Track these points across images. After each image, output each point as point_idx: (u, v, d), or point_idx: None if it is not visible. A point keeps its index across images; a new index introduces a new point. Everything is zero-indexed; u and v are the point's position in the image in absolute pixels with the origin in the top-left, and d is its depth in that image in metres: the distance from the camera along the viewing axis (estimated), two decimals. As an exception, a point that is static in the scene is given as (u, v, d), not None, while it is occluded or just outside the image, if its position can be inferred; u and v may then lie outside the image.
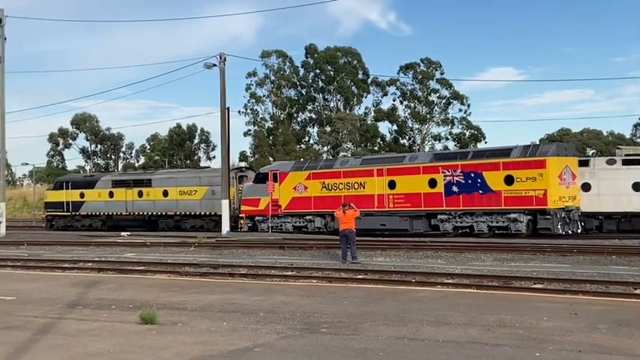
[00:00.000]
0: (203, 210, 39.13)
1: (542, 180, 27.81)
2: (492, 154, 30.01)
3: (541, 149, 28.81)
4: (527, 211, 28.40)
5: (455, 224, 30.11)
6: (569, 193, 28.74)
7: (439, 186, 30.17)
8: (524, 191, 28.09)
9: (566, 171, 28.58)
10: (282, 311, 12.26)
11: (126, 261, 22.73)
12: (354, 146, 77.61)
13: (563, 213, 28.10)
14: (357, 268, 19.11)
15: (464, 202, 29.57)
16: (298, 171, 34.57)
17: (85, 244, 30.49)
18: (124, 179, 43.35)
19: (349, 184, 32.62)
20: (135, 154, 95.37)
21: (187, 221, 39.92)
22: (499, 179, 28.73)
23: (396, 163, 31.83)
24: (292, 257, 23.24)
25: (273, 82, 79.92)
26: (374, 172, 32.06)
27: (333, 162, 35.12)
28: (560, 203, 28.04)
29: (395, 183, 31.41)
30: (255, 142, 78.27)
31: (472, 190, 29.32)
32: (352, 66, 79.02)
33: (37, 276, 19.32)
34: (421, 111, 78.06)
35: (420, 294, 14.17)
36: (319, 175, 33.66)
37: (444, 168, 30.08)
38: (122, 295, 14.87)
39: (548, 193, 27.69)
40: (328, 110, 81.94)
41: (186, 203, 39.71)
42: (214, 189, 38.27)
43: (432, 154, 32.76)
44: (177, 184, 40.24)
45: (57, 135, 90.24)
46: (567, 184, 28.66)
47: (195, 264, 20.93)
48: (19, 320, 11.76)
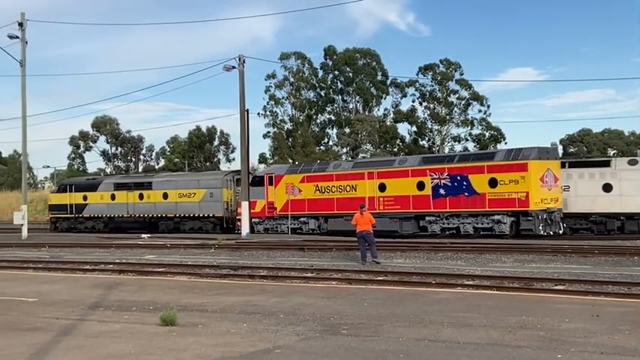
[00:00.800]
0: (202, 212, 40.03)
1: (524, 183, 28.60)
2: (477, 157, 31.01)
3: (523, 153, 29.50)
4: (510, 213, 29.15)
5: (442, 225, 30.99)
6: (551, 195, 29.44)
7: (427, 188, 31.10)
8: (507, 193, 28.91)
9: (547, 174, 29.26)
10: (302, 313, 12.27)
11: (146, 263, 22.87)
12: (374, 148, 77.45)
13: (544, 214, 28.80)
14: (377, 269, 19.08)
15: (450, 204, 30.43)
16: (293, 174, 35.64)
17: (106, 246, 30.74)
18: (126, 182, 44.36)
19: (341, 187, 33.63)
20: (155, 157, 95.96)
21: (186, 223, 40.79)
22: (484, 182, 29.52)
23: (386, 167, 32.88)
24: (312, 259, 23.25)
25: (292, 84, 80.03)
26: (365, 175, 33.05)
27: (327, 165, 36.07)
28: (541, 205, 28.77)
29: (385, 186, 32.38)
30: (275, 144, 78.43)
31: (458, 193, 30.20)
32: (371, 67, 78.89)
33: (58, 278, 19.51)
34: (440, 112, 77.74)
35: (440, 295, 14.11)
36: (313, 178, 34.68)
37: (432, 171, 30.99)
38: (143, 296, 14.96)
39: (529, 195, 28.48)
40: (347, 112, 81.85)
41: (186, 205, 40.69)
42: (212, 192, 39.47)
43: (420, 158, 33.57)
44: (177, 187, 41.24)
45: (78, 138, 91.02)
46: (549, 186, 29.34)
47: (216, 266, 21.01)
48: (42, 321, 11.88)
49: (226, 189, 39.61)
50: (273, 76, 79.50)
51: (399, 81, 79.38)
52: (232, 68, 35.93)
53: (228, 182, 39.78)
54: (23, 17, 38.51)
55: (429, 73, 76.84)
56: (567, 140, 79.71)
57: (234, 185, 39.36)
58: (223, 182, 39.81)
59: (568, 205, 31.11)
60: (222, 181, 39.89)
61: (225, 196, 39.51)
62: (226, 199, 39.49)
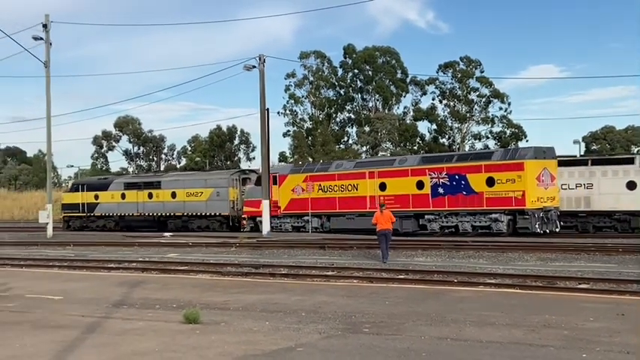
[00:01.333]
0: (208, 211, 40.64)
1: (520, 182, 28.97)
2: (475, 156, 31.41)
3: (519, 152, 30.05)
4: (507, 211, 29.50)
5: (441, 224, 31.34)
6: (548, 194, 29.72)
7: (426, 187, 31.53)
8: (504, 192, 29.29)
9: (544, 173, 29.53)
10: (323, 311, 12.27)
11: (169, 261, 23.03)
12: (393, 146, 77.26)
13: (541, 213, 29.08)
14: (399, 268, 19.03)
15: (449, 203, 30.81)
16: (296, 174, 36.22)
17: (129, 245, 30.99)
18: (135, 182, 45.13)
19: (343, 186, 34.16)
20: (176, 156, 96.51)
21: (194, 222, 41.35)
22: (481, 181, 29.90)
23: (387, 166, 33.38)
24: (332, 257, 23.25)
25: (311, 83, 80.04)
26: (366, 174, 33.54)
27: (329, 165, 36.60)
28: (538, 204, 29.08)
29: (385, 185, 32.83)
30: (295, 142, 78.51)
31: (456, 192, 30.62)
32: (391, 65, 78.68)
33: (83, 276, 19.72)
34: (461, 110, 77.34)
35: (462, 294, 14.04)
36: (316, 178, 35.19)
37: (431, 170, 31.42)
38: (166, 294, 15.07)
39: (526, 194, 28.83)
40: (367, 110, 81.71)
41: (193, 204, 41.27)
42: (219, 191, 40.17)
43: (419, 158, 34.02)
44: (185, 186, 41.87)
45: (101, 137, 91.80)
46: (545, 185, 29.64)
47: (237, 264, 21.10)
48: (67, 319, 12.00)
49: (232, 188, 40.20)
50: (292, 75, 79.63)
51: (418, 79, 79.11)
52: (252, 68, 36.00)
53: (234, 182, 40.41)
54: (47, 19, 38.88)
55: (449, 70, 76.45)
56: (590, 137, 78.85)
57: (240, 184, 40.14)
58: (229, 182, 40.40)
59: (591, 203, 30.82)
60: (228, 181, 40.47)
61: (231, 195, 40.11)
62: (232, 198, 40.08)
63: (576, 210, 31.20)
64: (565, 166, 31.50)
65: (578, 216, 31.33)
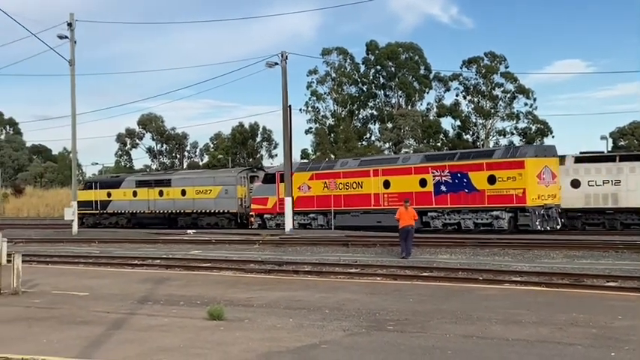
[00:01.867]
0: (217, 208, 41.40)
1: (521, 179, 29.49)
2: (477, 155, 32.13)
3: (520, 151, 30.80)
4: (509, 209, 30.00)
5: (444, 221, 31.98)
6: (549, 192, 30.21)
7: (429, 185, 32.12)
8: (505, 190, 29.81)
9: (545, 171, 30.09)
10: (347, 308, 12.26)
11: (192, 258, 23.18)
12: (417, 142, 76.96)
13: (542, 210, 29.61)
14: (423, 265, 18.97)
15: (451, 201, 31.34)
16: (302, 172, 36.82)
17: (153, 242, 31.24)
18: (146, 179, 46.14)
19: (348, 184, 34.85)
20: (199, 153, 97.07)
21: (203, 219, 42.22)
22: (483, 179, 30.45)
23: (390, 164, 34.10)
24: (356, 254, 23.24)
25: (334, 80, 79.98)
26: (370, 172, 34.24)
27: (334, 163, 37.35)
28: (538, 201, 29.62)
29: (389, 183, 33.49)
30: (317, 139, 78.51)
31: (459, 189, 31.16)
32: (414, 61, 78.34)
33: (108, 272, 19.92)
34: (485, 106, 76.80)
35: (487, 292, 13.95)
36: (321, 176, 35.84)
37: (434, 168, 32.04)
38: (190, 291, 15.16)
39: (527, 191, 29.35)
40: (390, 107, 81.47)
41: (202, 202, 42.12)
42: (227, 188, 40.98)
43: (422, 156, 34.91)
44: (194, 184, 42.68)
45: (124, 135, 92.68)
46: (546, 183, 30.18)
47: (260, 261, 21.17)
48: (93, 315, 12.12)
49: (240, 186, 40.90)
50: (314, 71, 79.64)
51: (442, 75, 78.71)
52: (275, 65, 36.05)
53: (242, 179, 41.16)
54: (72, 18, 39.27)
55: (473, 66, 75.94)
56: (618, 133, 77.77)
57: (248, 182, 40.94)
58: (237, 179, 41.13)
59: (619, 200, 30.44)
60: (236, 179, 41.19)
61: (239, 192, 40.79)
62: (240, 196, 40.77)
63: (603, 207, 30.83)
64: (592, 163, 31.16)
65: (605, 213, 30.96)
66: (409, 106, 79.68)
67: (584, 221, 31.42)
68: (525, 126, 75.55)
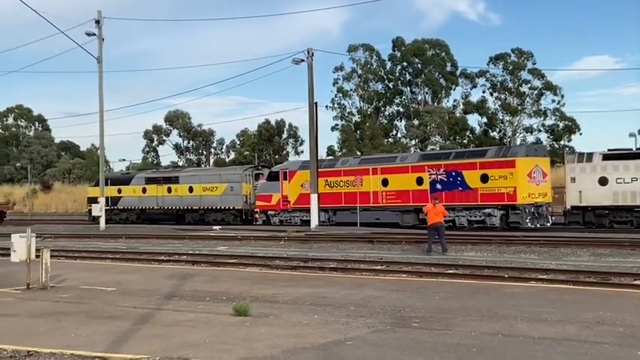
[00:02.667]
0: (223, 205, 42.49)
1: (512, 178, 30.52)
2: (471, 154, 33.23)
3: (512, 150, 32.00)
4: (500, 207, 30.99)
5: None
6: (540, 190, 31.18)
7: (425, 183, 33.16)
8: (497, 188, 30.80)
9: (535, 170, 31.06)
10: (372, 305, 12.28)
11: (218, 254, 23.34)
12: (443, 139, 76.54)
13: (532, 208, 30.54)
14: (448, 262, 18.92)
15: (446, 198, 31.82)
16: (305, 169, 37.59)
17: (179, 238, 31.51)
18: (155, 177, 47.24)
19: (349, 182, 35.86)
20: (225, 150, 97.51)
21: (210, 215, 43.22)
22: (476, 177, 31.47)
23: (389, 163, 35.23)
24: (381, 251, 23.24)
25: (360, 76, 79.82)
26: (369, 170, 35.28)
27: (335, 162, 38.70)
28: (529, 199, 30.55)
29: (387, 181, 34.56)
30: (343, 136, 78.48)
31: (453, 188, 32.21)
32: (440, 58, 77.89)
33: (135, 268, 20.15)
34: (512, 102, 76.10)
35: (513, 289, 13.88)
36: (323, 174, 36.62)
37: (430, 167, 33.17)
38: (216, 287, 15.29)
39: (517, 190, 30.33)
40: (416, 103, 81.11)
41: (209, 199, 43.18)
42: (233, 185, 42.12)
43: (419, 155, 36.47)
44: (201, 181, 43.85)
45: (151, 132, 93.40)
46: (537, 182, 31.16)
47: (286, 257, 21.26)
48: (120, 310, 12.29)
49: (245, 183, 41.93)
50: (341, 68, 79.49)
51: (468, 71, 78.06)
52: (301, 61, 36.13)
53: (247, 177, 42.23)
54: (100, 15, 39.71)
55: (500, 62, 75.26)
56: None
57: (253, 179, 41.99)
58: (242, 177, 42.17)
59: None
60: (241, 176, 42.23)
61: (244, 189, 41.79)
62: (245, 193, 41.80)
63: (632, 205, 30.42)
64: (620, 160, 30.77)
65: (633, 211, 30.55)
66: (435, 102, 79.27)
67: (612, 219, 31.02)
68: (553, 123, 74.76)
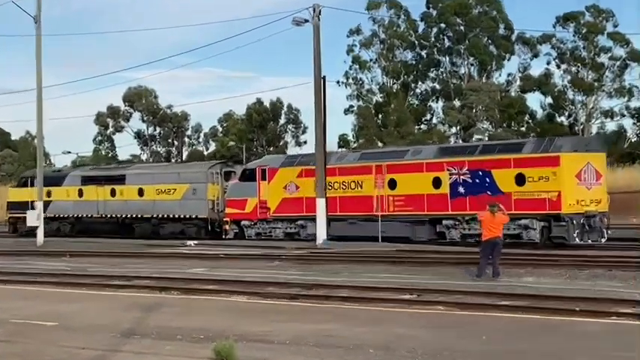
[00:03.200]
0: (183, 212, 42.82)
1: (555, 180, 30.61)
2: (503, 148, 33.73)
3: (555, 143, 32.04)
4: (540, 217, 31.13)
5: (462, 232, 33.18)
6: (592, 196, 31.34)
7: (444, 186, 33.44)
8: (537, 193, 30.89)
9: (586, 169, 31.28)
10: (397, 348, 12.25)
11: (194, 278, 23.35)
12: (493, 126, 76.58)
13: (581, 219, 30.64)
14: (500, 291, 18.90)
15: (471, 206, 32.17)
16: (289, 167, 38.69)
17: (142, 256, 31.61)
18: (95, 175, 48.03)
19: (345, 184, 36.56)
20: (203, 139, 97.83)
21: (166, 225, 43.56)
22: (509, 178, 31.65)
23: (397, 159, 35.68)
24: (410, 275, 23.20)
25: (383, 42, 80.00)
26: (372, 168, 35.75)
27: (329, 157, 38.33)
28: (577, 207, 30.68)
29: (395, 182, 34.94)
30: (360, 121, 78.67)
31: (480, 191, 32.13)
32: (490, 18, 77.93)
33: (82, 295, 20.14)
34: (586, 77, 76.07)
35: (587, 327, 13.84)
36: (312, 173, 36.69)
37: (450, 165, 33.40)
38: (190, 321, 15.28)
39: (562, 195, 30.43)
40: (457, 78, 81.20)
41: (164, 204, 43.53)
42: (195, 187, 42.36)
43: (437, 148, 36.90)
44: (154, 182, 44.38)
45: (106, 115, 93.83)
46: (588, 185, 31.37)
47: (283, 283, 21.26)
48: (64, 352, 12.30)
49: (212, 184, 42.09)
50: (357, 31, 79.78)
51: (528, 36, 78.09)
52: (304, 22, 36.11)
53: (214, 176, 42.36)
54: (37, -40, 39.83)
55: (570, 24, 75.26)
56: None
57: (222, 180, 42.15)
58: (208, 176, 42.40)
59: None
60: (206, 175, 42.54)
61: (210, 192, 41.93)
62: (212, 197, 41.92)
63: None
64: None
65: None
66: (483, 77, 79.30)
67: None
68: (641, 105, 74.81)
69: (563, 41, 76.36)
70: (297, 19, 36.13)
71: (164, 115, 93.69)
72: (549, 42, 77.12)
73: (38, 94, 40.62)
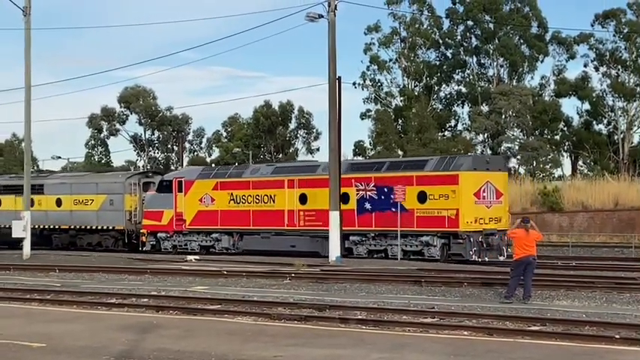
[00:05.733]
0: (100, 223, 45.38)
1: (454, 198, 33.63)
2: (408, 165, 36.93)
3: (455, 162, 35.15)
4: (441, 234, 34.21)
5: (369, 247, 36.53)
6: (491, 214, 34.42)
7: (352, 201, 36.45)
8: (437, 210, 33.83)
9: (486, 188, 34.29)
10: (419, 376, 12.26)
11: (194, 297, 23.36)
12: (524, 134, 76.46)
13: (479, 237, 33.57)
14: (531, 315, 18.88)
15: (376, 222, 35.41)
16: (205, 179, 41.58)
17: (138, 272, 31.63)
18: (13, 184, 49.41)
19: (259, 197, 39.30)
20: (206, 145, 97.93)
21: (83, 237, 45.87)
22: (412, 196, 34.36)
23: (308, 174, 38.62)
24: (432, 297, 23.20)
25: (404, 41, 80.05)
26: (285, 183, 38.60)
27: (244, 170, 42.47)
28: (475, 225, 33.62)
29: (306, 197, 37.84)
30: (378, 127, 78.61)
31: (385, 208, 35.19)
32: (522, 15, 77.90)
33: (73, 315, 20.20)
34: (627, 82, 75.91)
35: (627, 356, 13.82)
36: (227, 185, 40.35)
37: (357, 180, 36.47)
38: (190, 344, 15.31)
39: (460, 212, 33.38)
40: (485, 81, 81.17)
41: (82, 215, 46.18)
42: (113, 198, 45.10)
43: (347, 164, 39.64)
44: (72, 192, 46.80)
45: (99, 117, 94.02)
46: (488, 203, 34.38)
47: (293, 303, 21.25)
48: (52, 376, 12.33)
49: (129, 195, 44.68)
50: (376, 28, 79.81)
51: (563, 36, 78.05)
52: (319, 17, 36.14)
53: (131, 186, 44.94)
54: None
55: (610, 23, 75.21)
56: None
57: (140, 190, 44.78)
58: (126, 186, 45.04)
59: None
60: (124, 185, 45.20)
61: (127, 203, 44.56)
62: (129, 208, 44.49)
63: None
64: None
65: None
66: (514, 80, 79.23)
67: None
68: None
69: (602, 41, 76.42)
70: (310, 14, 36.14)
71: (163, 118, 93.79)
72: (587, 42, 77.07)
73: (27, 93, 40.74)
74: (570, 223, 54.80)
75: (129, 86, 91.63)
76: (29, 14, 40.25)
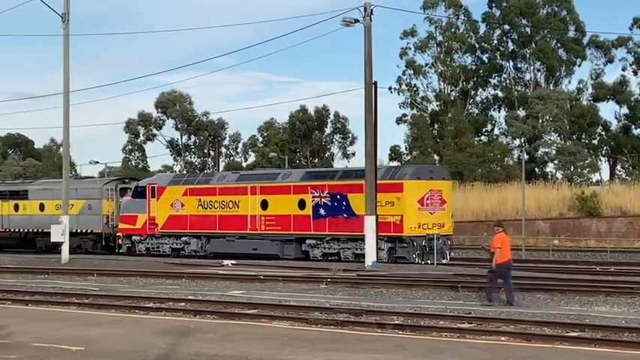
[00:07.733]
0: (79, 227, 47.03)
1: (399, 205, 36.09)
2: (358, 174, 37.62)
3: (400, 171, 38.32)
4: (387, 238, 36.36)
5: (323, 250, 38.74)
6: (434, 220, 36.74)
7: (308, 208, 38.59)
8: (384, 216, 35.50)
9: (429, 196, 36.70)
10: (457, 382, 12.21)
11: (231, 301, 23.44)
12: (561, 138, 75.95)
13: (423, 241, 36.06)
14: (569, 321, 18.75)
15: (330, 227, 37.71)
16: (176, 185, 44.29)
17: (175, 276, 31.79)
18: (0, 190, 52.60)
19: (224, 203, 41.71)
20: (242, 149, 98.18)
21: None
22: (362, 202, 35.48)
23: (270, 181, 41.17)
24: (469, 302, 23.14)
25: (440, 45, 79.86)
26: (248, 189, 41.03)
27: (211, 177, 45.64)
28: (419, 231, 36.06)
29: (267, 203, 40.26)
30: (414, 132, 78.44)
31: (337, 214, 37.68)
32: (560, 19, 77.43)
33: (111, 318, 20.37)
34: (667, 85, 75.23)
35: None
36: (196, 192, 42.94)
37: (313, 188, 38.63)
38: (227, 349, 15.37)
39: (404, 218, 35.85)
40: (522, 85, 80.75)
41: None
42: (91, 203, 47.38)
43: (304, 172, 42.51)
44: (54, 197, 47.87)
45: (136, 122, 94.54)
46: (431, 210, 36.74)
47: (329, 308, 21.25)
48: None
49: (107, 200, 47.18)
50: (412, 33, 79.75)
51: (601, 39, 77.44)
52: (355, 22, 36.13)
53: (109, 192, 47.40)
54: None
55: (650, 26, 74.57)
56: None
57: (117, 196, 47.14)
58: (103, 192, 47.49)
59: None
60: (101, 191, 47.60)
61: (105, 208, 47.00)
62: (107, 212, 46.96)
63: None
64: None
65: None
66: (551, 84, 78.75)
67: None
68: None
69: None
70: (347, 19, 36.10)
71: (199, 123, 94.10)
72: (625, 46, 76.50)
73: (65, 99, 41.00)
74: (608, 228, 54.42)
75: (165, 91, 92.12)
76: (68, 20, 40.54)
